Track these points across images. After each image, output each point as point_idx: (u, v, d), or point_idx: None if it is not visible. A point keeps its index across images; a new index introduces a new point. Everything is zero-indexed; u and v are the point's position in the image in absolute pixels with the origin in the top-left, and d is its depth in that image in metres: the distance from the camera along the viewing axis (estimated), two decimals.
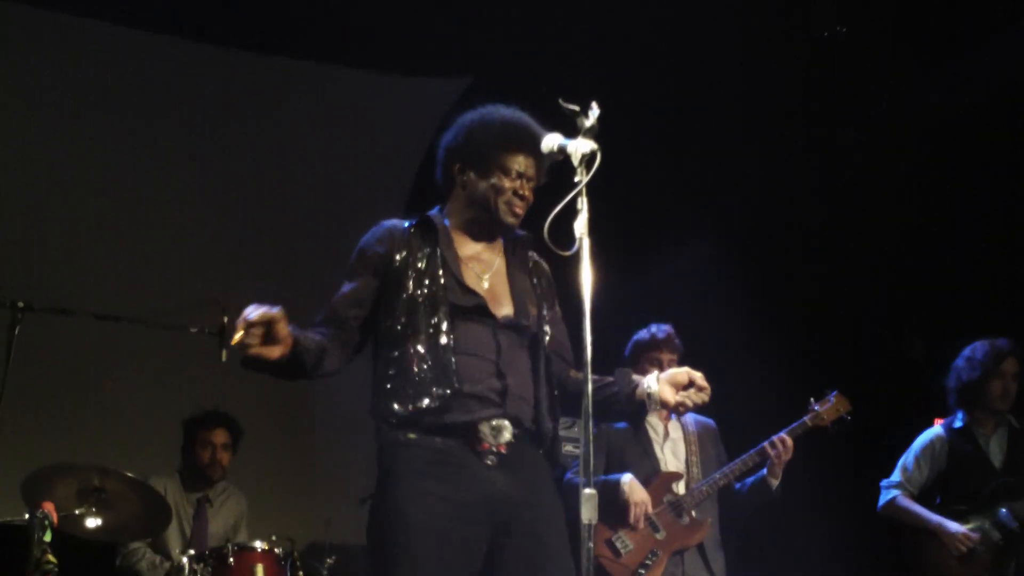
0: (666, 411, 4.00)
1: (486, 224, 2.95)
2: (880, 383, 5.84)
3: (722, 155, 6.27)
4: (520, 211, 2.93)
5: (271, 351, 2.60)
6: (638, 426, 4.45)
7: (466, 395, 2.74)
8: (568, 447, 4.17)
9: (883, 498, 4.83)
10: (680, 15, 5.67)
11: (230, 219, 6.55)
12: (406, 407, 2.74)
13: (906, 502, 4.75)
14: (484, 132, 2.92)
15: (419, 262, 2.86)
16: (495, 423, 2.76)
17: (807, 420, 4.43)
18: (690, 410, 3.00)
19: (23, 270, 5.76)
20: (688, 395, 2.89)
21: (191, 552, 4.42)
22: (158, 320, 4.98)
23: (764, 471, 4.39)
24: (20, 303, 4.01)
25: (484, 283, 2.90)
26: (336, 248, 2.98)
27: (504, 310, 2.88)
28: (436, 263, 2.86)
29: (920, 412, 5.33)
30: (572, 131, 2.63)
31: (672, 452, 4.47)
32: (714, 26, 5.70)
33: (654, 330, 4.50)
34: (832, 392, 4.50)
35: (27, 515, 3.74)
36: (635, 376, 2.97)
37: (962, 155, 5.84)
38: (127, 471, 4.21)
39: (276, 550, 4.41)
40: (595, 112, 2.61)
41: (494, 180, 2.89)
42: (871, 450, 5.67)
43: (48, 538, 3.62)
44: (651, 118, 6.10)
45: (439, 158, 3.02)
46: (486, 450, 2.74)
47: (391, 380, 2.78)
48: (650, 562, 4.24)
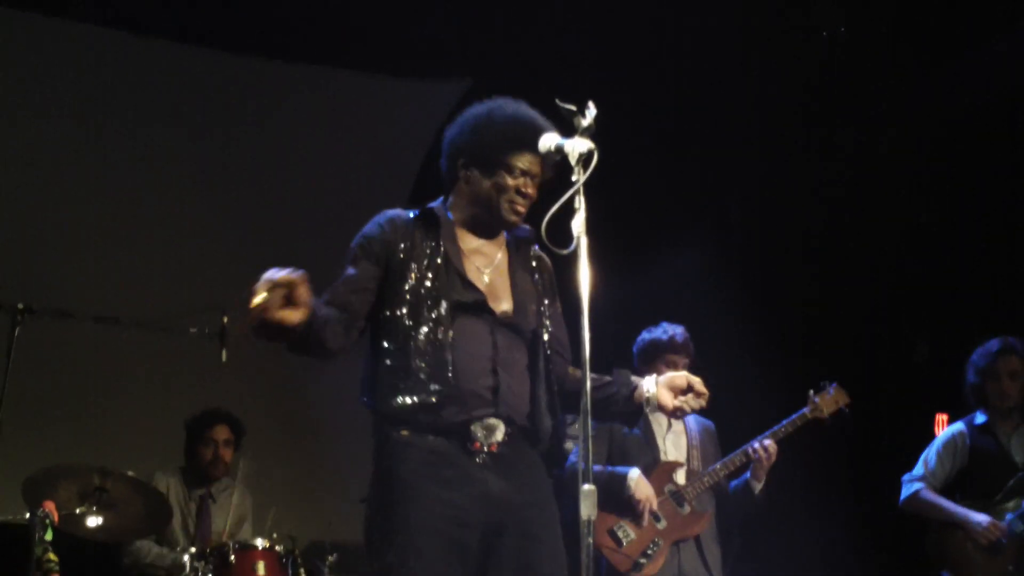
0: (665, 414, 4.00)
1: (488, 221, 2.94)
2: (880, 383, 5.83)
3: (722, 155, 6.27)
4: (522, 209, 2.91)
5: (292, 315, 2.51)
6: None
7: (462, 392, 2.73)
8: (569, 444, 4.17)
9: (905, 492, 4.76)
10: (680, 15, 5.68)
11: (230, 222, 6.54)
12: (402, 402, 2.73)
13: (930, 495, 4.69)
14: (489, 130, 2.89)
15: (422, 254, 2.84)
16: (487, 422, 2.75)
17: (806, 412, 4.42)
18: (688, 415, 3.02)
19: (23, 272, 5.76)
20: (686, 400, 2.90)
21: (192, 550, 4.42)
22: (158, 322, 4.98)
23: (748, 474, 4.41)
24: (20, 305, 4.03)
25: (485, 277, 2.89)
26: (336, 251, 2.97)
27: (503, 306, 2.87)
28: (439, 256, 2.85)
29: (920, 412, 5.34)
30: (570, 131, 2.62)
31: (674, 444, 4.48)
32: (714, 26, 5.70)
33: (672, 332, 4.48)
34: (832, 384, 4.48)
35: (28, 514, 3.76)
36: (634, 378, 2.97)
37: (962, 155, 5.84)
38: (128, 471, 4.22)
39: (277, 548, 4.43)
40: (592, 111, 2.60)
41: (497, 178, 2.88)
42: (871, 450, 5.68)
43: (49, 537, 3.64)
44: (651, 118, 6.11)
45: (444, 150, 3.00)
46: (477, 450, 2.74)
47: (388, 372, 2.76)
48: (651, 552, 4.25)
